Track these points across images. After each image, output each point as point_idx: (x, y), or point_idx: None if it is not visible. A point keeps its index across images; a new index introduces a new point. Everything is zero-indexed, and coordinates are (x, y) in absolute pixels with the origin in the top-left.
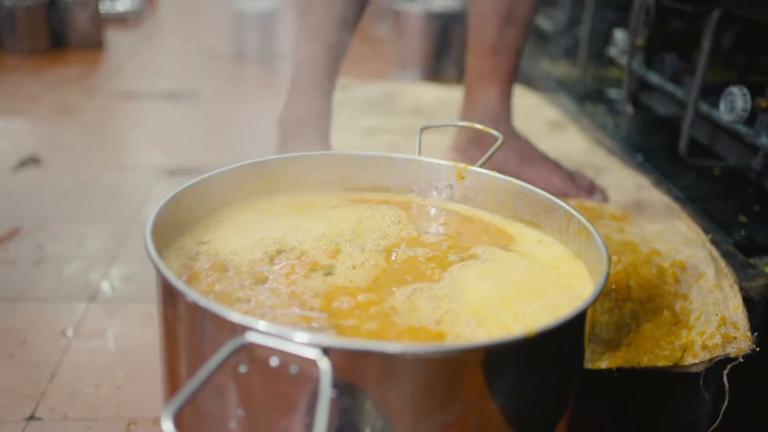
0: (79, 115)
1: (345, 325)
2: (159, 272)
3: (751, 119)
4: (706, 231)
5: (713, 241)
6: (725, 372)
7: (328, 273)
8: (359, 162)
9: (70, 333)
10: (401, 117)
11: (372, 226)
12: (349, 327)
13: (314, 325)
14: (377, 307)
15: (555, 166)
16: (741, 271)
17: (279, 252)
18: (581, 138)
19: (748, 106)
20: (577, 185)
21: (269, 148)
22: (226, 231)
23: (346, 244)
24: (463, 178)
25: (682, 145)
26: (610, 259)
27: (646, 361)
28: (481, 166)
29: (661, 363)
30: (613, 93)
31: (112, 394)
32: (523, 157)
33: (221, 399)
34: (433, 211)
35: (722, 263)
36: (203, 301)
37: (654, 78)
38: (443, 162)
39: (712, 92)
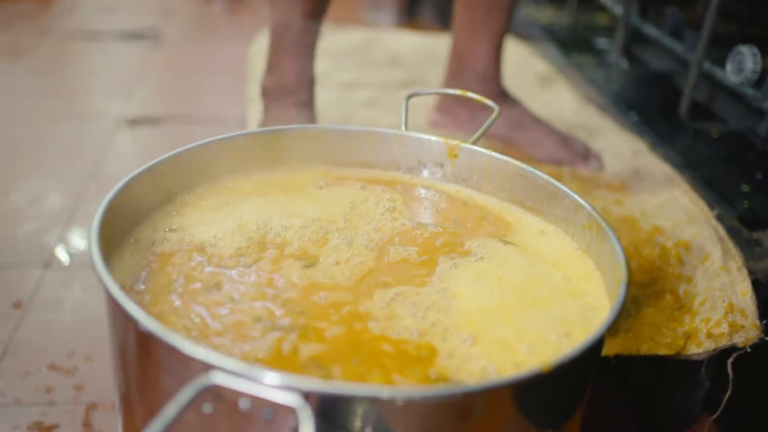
0: (31, 57)
1: (312, 326)
2: (108, 292)
3: (759, 81)
4: (709, 204)
5: (718, 217)
6: (730, 361)
7: (310, 266)
8: (342, 137)
9: (23, 304)
10: (379, 69)
11: (365, 213)
12: (315, 330)
13: (280, 324)
14: (352, 309)
15: (548, 129)
16: (747, 249)
17: (263, 238)
18: (571, 94)
19: (758, 68)
20: (572, 151)
21: (238, 93)
22: (198, 216)
23: (335, 233)
24: (455, 156)
25: (683, 107)
26: (628, 264)
27: (645, 348)
28: (476, 140)
29: (662, 351)
30: (602, 42)
31: (70, 373)
32: (514, 121)
33: None
34: (423, 193)
35: (729, 243)
36: (160, 331)
37: (651, 30)
38: (434, 138)
39: (713, 46)
